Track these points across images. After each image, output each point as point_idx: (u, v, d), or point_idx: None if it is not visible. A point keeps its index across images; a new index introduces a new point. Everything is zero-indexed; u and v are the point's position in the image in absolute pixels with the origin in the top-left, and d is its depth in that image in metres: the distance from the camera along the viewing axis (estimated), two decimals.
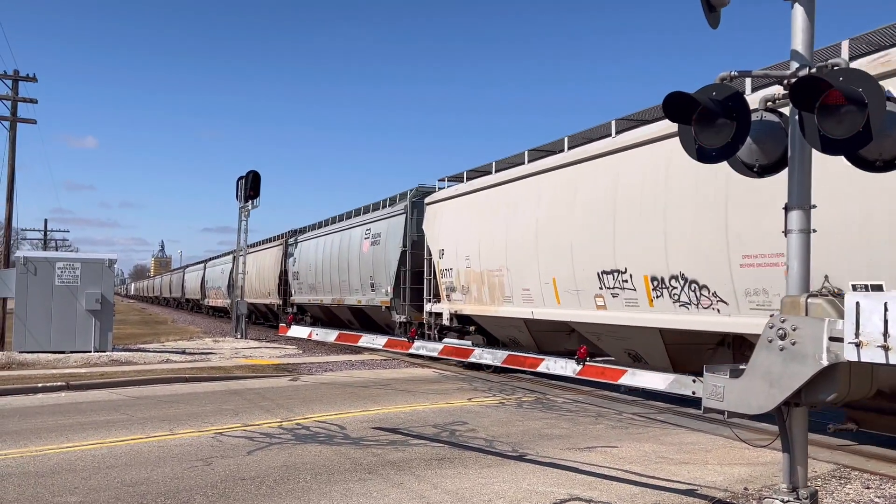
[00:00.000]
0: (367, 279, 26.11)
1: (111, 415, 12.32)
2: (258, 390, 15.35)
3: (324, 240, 31.76)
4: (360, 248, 26.92)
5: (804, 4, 5.65)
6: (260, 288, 41.70)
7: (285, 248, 37.25)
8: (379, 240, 25.27)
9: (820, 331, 5.12)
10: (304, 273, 33.79)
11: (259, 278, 41.78)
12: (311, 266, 32.71)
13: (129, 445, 9.89)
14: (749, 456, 9.36)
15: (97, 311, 21.73)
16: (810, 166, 5.66)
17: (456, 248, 19.65)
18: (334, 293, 29.84)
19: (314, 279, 32.32)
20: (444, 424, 11.53)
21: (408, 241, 22.97)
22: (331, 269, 30.17)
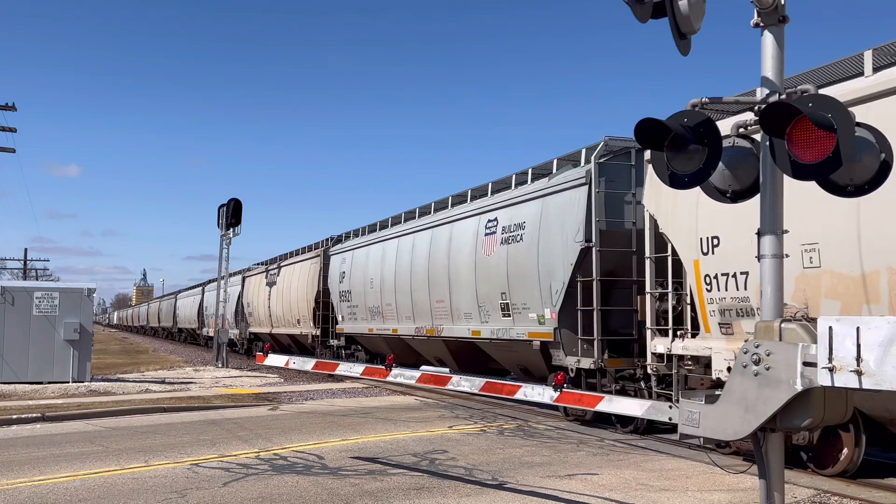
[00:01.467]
0: (494, 297, 16.99)
1: (86, 446, 12.13)
2: (237, 420, 15.18)
3: (393, 244, 22.88)
4: (476, 248, 17.87)
5: (774, 32, 5.70)
6: (284, 314, 33.48)
7: (324, 261, 29.16)
8: (522, 233, 16.15)
9: (794, 356, 5.11)
10: (360, 292, 25.08)
11: (283, 302, 33.60)
12: (372, 282, 23.96)
13: (102, 478, 9.73)
14: (730, 482, 9.31)
15: (76, 340, 21.47)
16: (782, 192, 5.68)
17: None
18: (420, 319, 20.86)
19: (377, 300, 23.59)
20: (423, 453, 11.42)
21: (593, 232, 14.13)
22: (412, 285, 21.16)
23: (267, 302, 36.12)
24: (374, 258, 24.36)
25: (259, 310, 37.72)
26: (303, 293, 30.92)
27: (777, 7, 5.60)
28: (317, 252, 30.25)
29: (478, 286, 17.64)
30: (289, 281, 33.02)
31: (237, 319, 41.45)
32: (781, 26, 5.68)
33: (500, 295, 16.69)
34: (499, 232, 17.04)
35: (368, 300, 24.35)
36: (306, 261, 31.55)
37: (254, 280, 39.89)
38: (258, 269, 39.93)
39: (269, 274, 36.61)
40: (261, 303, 37.43)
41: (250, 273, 41.53)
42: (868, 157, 5.48)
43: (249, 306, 39.70)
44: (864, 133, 5.53)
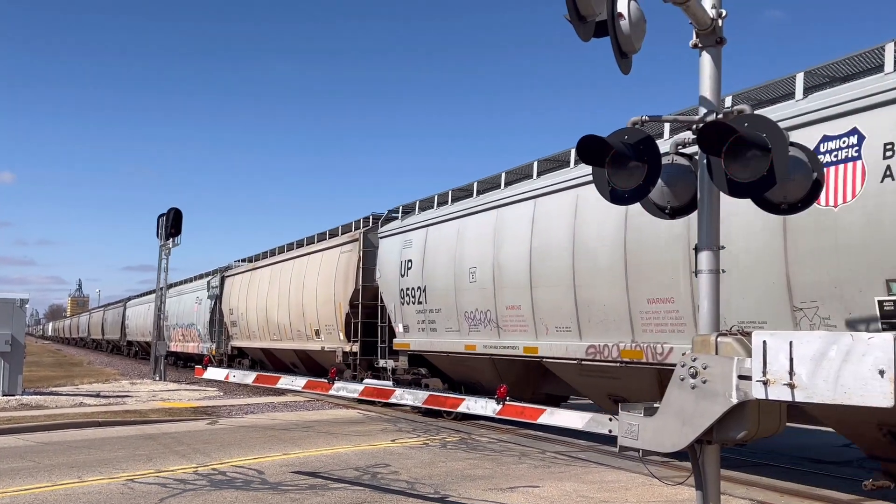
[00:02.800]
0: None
1: (16, 462, 11.75)
2: (174, 434, 14.88)
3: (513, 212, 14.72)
4: None
5: (711, 53, 5.85)
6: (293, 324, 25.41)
7: (363, 248, 21.22)
8: None
9: (729, 369, 5.22)
10: (444, 288, 16.73)
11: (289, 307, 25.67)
12: (474, 273, 15.61)
13: (33, 494, 9.43)
14: (668, 493, 9.45)
15: (6, 352, 20.81)
16: (718, 208, 5.82)
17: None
18: (596, 331, 12.60)
19: (483, 300, 15.37)
20: (365, 467, 11.34)
21: None
22: (576, 273, 12.76)
23: (262, 308, 28.26)
24: (473, 235, 15.76)
25: (248, 318, 29.80)
26: (328, 294, 22.74)
27: (714, 29, 5.75)
28: (352, 236, 22.06)
29: None
30: (300, 279, 25.12)
31: (213, 331, 33.97)
32: (719, 48, 5.83)
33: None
34: None
35: (465, 300, 15.87)
36: (333, 249, 23.22)
37: (240, 280, 31.64)
38: (243, 266, 32.86)
39: (261, 271, 29.38)
40: (251, 309, 29.48)
41: (233, 271, 33.21)
42: (801, 175, 5.66)
43: (232, 314, 31.63)
44: (797, 152, 5.71)
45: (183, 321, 40.18)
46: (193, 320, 37.85)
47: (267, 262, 29.58)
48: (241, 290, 31.28)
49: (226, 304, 32.88)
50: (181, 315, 40.50)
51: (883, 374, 4.50)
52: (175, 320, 41.42)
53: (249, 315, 29.87)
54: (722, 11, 5.76)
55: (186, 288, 41.30)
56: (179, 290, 42.02)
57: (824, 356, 4.74)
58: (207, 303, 35.33)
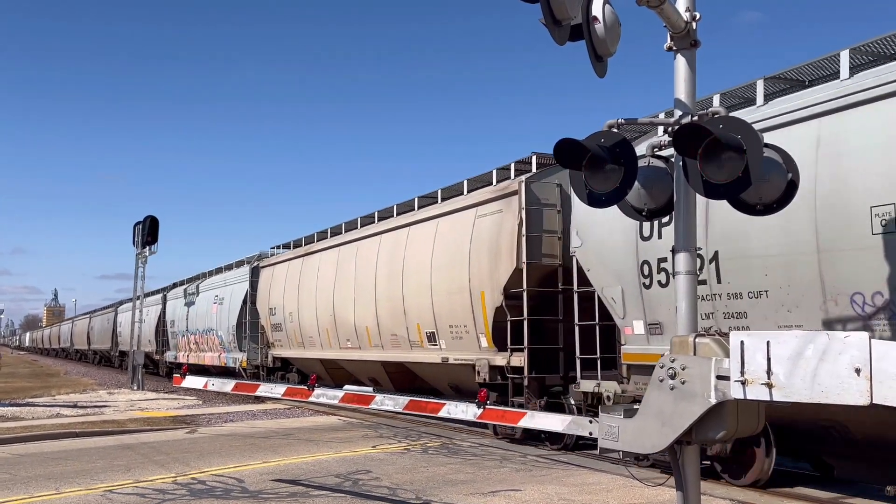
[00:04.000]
0: None
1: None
2: (153, 444, 14.74)
3: None
4: None
5: (686, 56, 5.89)
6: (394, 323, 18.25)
7: (524, 199, 14.25)
8: None
9: (707, 370, 5.24)
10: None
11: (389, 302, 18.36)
12: None
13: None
14: (649, 494, 9.49)
15: None
16: (695, 210, 5.86)
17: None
18: None
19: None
20: (347, 474, 11.30)
21: None
22: None
23: (324, 305, 21.40)
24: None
25: (299, 320, 23.04)
26: (455, 279, 15.80)
27: (689, 32, 5.79)
28: (502, 189, 15.09)
29: None
30: (396, 261, 18.08)
31: (241, 337, 28.21)
32: (693, 50, 5.87)
33: None
34: None
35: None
36: (463, 212, 16.17)
37: (283, 271, 25.05)
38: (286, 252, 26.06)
39: (319, 257, 22.52)
40: (304, 307, 22.72)
41: (272, 260, 26.54)
42: (776, 176, 5.70)
43: (274, 314, 25.19)
44: (772, 154, 5.76)
45: (197, 326, 33.64)
46: (212, 325, 31.32)
47: (327, 243, 22.42)
48: (286, 283, 24.40)
49: (262, 303, 26.49)
50: (195, 319, 33.99)
51: (859, 373, 4.54)
52: (184, 326, 35.34)
53: (303, 315, 22.84)
54: (696, 14, 5.80)
55: (201, 286, 34.73)
56: (191, 289, 35.71)
57: (801, 355, 4.77)
58: (233, 302, 29.19)
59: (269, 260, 27.33)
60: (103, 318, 58.70)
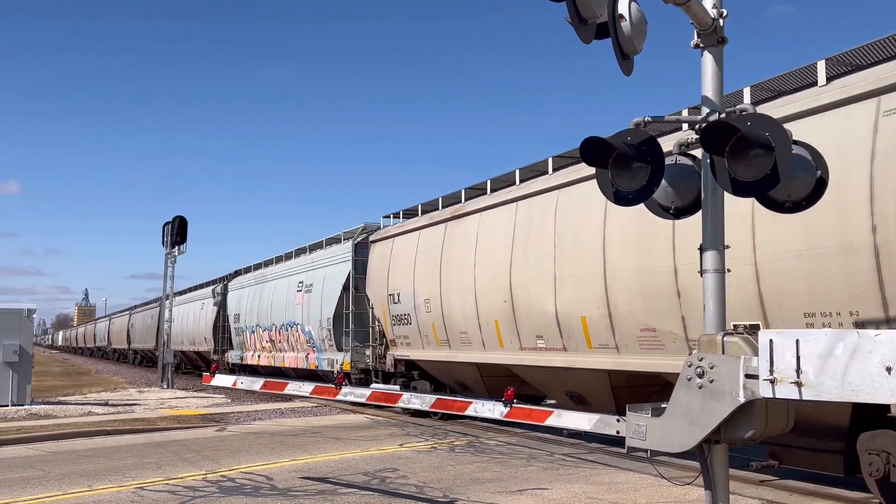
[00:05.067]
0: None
1: (26, 471, 11.79)
2: (183, 442, 14.91)
3: None
4: None
5: (713, 53, 5.85)
6: (647, 309, 11.17)
7: None
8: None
9: (736, 368, 5.22)
10: None
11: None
12: None
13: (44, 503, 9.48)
14: (677, 493, 9.44)
15: (15, 363, 20.87)
16: (723, 208, 5.82)
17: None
18: None
19: None
20: (374, 472, 11.36)
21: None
22: None
23: (498, 285, 14.60)
24: None
25: (447, 308, 16.47)
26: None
27: (716, 29, 5.76)
28: None
29: None
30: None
31: (340, 333, 22.50)
32: (720, 47, 5.84)
33: None
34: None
35: None
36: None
37: (419, 241, 18.11)
38: (410, 222, 19.29)
39: (480, 219, 15.79)
40: (450, 292, 16.37)
41: (387, 233, 20.15)
42: (805, 174, 5.65)
43: (398, 300, 18.60)
44: (801, 151, 5.71)
45: (272, 321, 28.32)
46: (296, 318, 26.04)
47: (493, 199, 15.62)
48: (416, 260, 17.98)
49: (375, 288, 20.14)
50: (269, 311, 28.71)
51: (890, 371, 4.50)
52: (253, 320, 30.33)
53: (450, 303, 16.30)
54: (723, 11, 5.77)
55: (270, 272, 29.75)
56: (263, 276, 30.67)
57: (831, 354, 4.74)
58: (329, 289, 23.62)
59: (386, 231, 20.56)
60: (146, 314, 51.93)
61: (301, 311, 25.70)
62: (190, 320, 39.45)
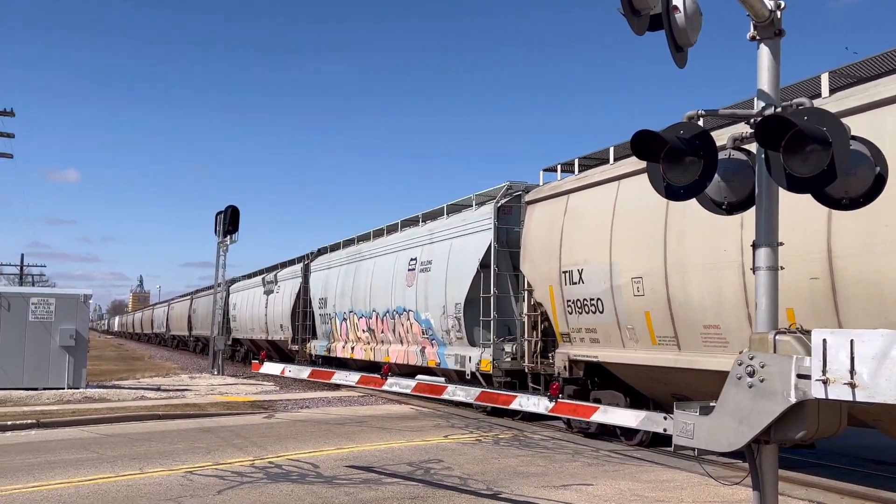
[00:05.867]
0: None
1: (81, 453, 12.10)
2: (232, 428, 15.15)
3: None
4: None
5: (770, 45, 5.73)
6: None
7: None
8: None
9: (788, 368, 5.12)
10: None
11: None
12: None
13: (96, 485, 9.71)
14: (724, 493, 9.31)
15: (71, 346, 21.44)
16: (777, 204, 5.70)
17: None
18: None
19: None
20: (418, 462, 11.41)
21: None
22: None
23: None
24: None
25: (688, 287, 11.28)
26: None
27: (773, 21, 5.64)
28: None
29: None
30: None
31: (471, 321, 18.09)
32: (777, 40, 5.71)
33: None
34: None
35: None
36: None
37: (617, 195, 13.07)
38: (614, 168, 13.70)
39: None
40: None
41: (564, 186, 14.74)
42: (863, 170, 5.50)
43: (579, 279, 13.81)
44: (859, 146, 5.56)
45: (368, 307, 23.78)
46: (407, 303, 21.12)
47: None
48: (627, 221, 12.73)
49: (540, 263, 15.10)
50: (363, 296, 24.22)
51: None
52: (346, 304, 25.60)
53: (685, 283, 11.44)
54: (780, 3, 5.64)
55: (367, 249, 25.06)
56: (349, 256, 26.46)
57: (887, 355, 4.62)
58: (457, 267, 18.66)
59: (554, 187, 15.42)
60: (209, 299, 45.23)
61: (415, 295, 20.63)
62: (262, 306, 35.42)
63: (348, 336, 25.88)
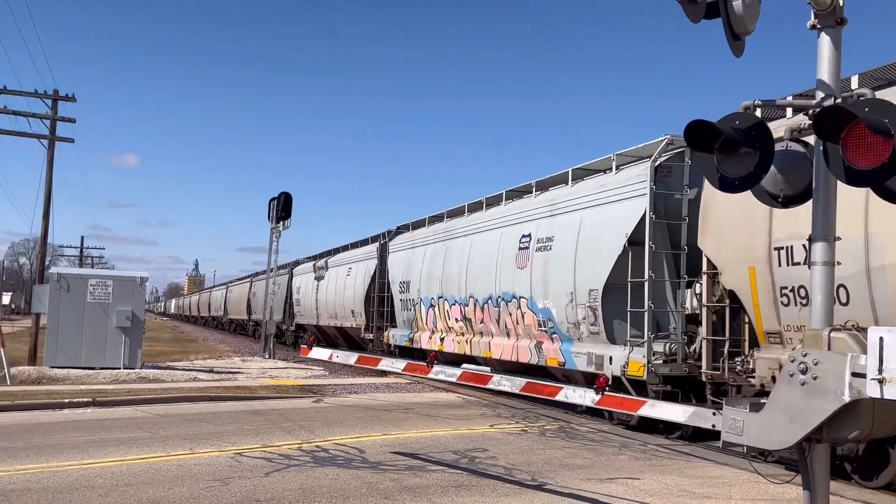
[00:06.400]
0: None
1: (134, 432, 12.39)
2: (281, 411, 15.36)
3: None
4: None
5: (831, 34, 5.57)
6: None
7: None
8: None
9: (842, 366, 4.99)
10: None
11: None
12: None
13: (148, 464, 9.93)
14: (774, 492, 9.14)
15: (127, 328, 21.94)
16: (835, 197, 5.55)
17: None
18: None
19: None
20: (464, 451, 11.43)
21: None
22: None
23: None
24: None
25: None
26: None
27: (835, 9, 5.48)
28: None
29: None
30: None
31: (611, 317, 14.95)
32: (839, 28, 5.55)
33: None
34: None
35: None
36: None
37: None
38: None
39: None
40: None
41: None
42: None
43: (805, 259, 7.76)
44: None
45: (463, 292, 20.57)
46: (518, 288, 17.77)
47: None
48: None
49: (733, 238, 11.71)
50: (456, 279, 21.03)
51: None
52: (428, 290, 22.88)
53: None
54: None
55: (461, 225, 21.86)
56: (435, 234, 23.45)
57: None
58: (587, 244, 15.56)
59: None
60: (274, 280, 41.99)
61: (529, 279, 17.19)
62: (329, 290, 32.54)
63: (436, 325, 22.65)
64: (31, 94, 26.80)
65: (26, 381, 19.25)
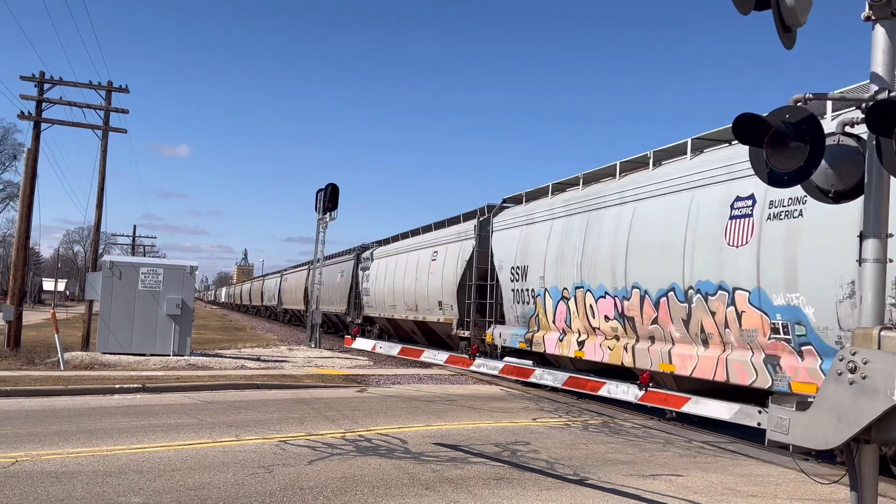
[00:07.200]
0: None
1: (182, 418, 12.63)
2: (325, 400, 15.52)
3: None
4: None
5: (886, 26, 5.43)
6: None
7: None
8: None
9: (893, 365, 4.87)
10: None
11: None
12: None
13: (195, 449, 10.11)
14: (821, 492, 8.98)
15: (177, 315, 22.36)
16: (888, 193, 5.42)
17: None
18: None
19: None
20: (506, 443, 11.42)
21: None
22: None
23: None
24: None
25: None
26: None
27: (890, 0, 5.33)
28: None
29: None
30: None
31: None
32: (895, 20, 5.40)
33: None
34: None
35: None
36: None
37: None
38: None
39: None
40: None
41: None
42: None
43: None
44: None
45: (616, 282, 15.37)
46: (722, 275, 12.39)
47: None
48: None
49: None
50: (606, 263, 15.84)
51: None
52: (555, 278, 18.03)
53: None
54: None
55: (610, 192, 16.43)
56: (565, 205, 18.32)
57: None
58: None
59: None
60: (332, 269, 40.37)
61: (754, 262, 11.85)
62: (408, 277, 28.48)
63: (569, 324, 17.58)
64: (86, 86, 27.40)
65: (79, 367, 19.74)
